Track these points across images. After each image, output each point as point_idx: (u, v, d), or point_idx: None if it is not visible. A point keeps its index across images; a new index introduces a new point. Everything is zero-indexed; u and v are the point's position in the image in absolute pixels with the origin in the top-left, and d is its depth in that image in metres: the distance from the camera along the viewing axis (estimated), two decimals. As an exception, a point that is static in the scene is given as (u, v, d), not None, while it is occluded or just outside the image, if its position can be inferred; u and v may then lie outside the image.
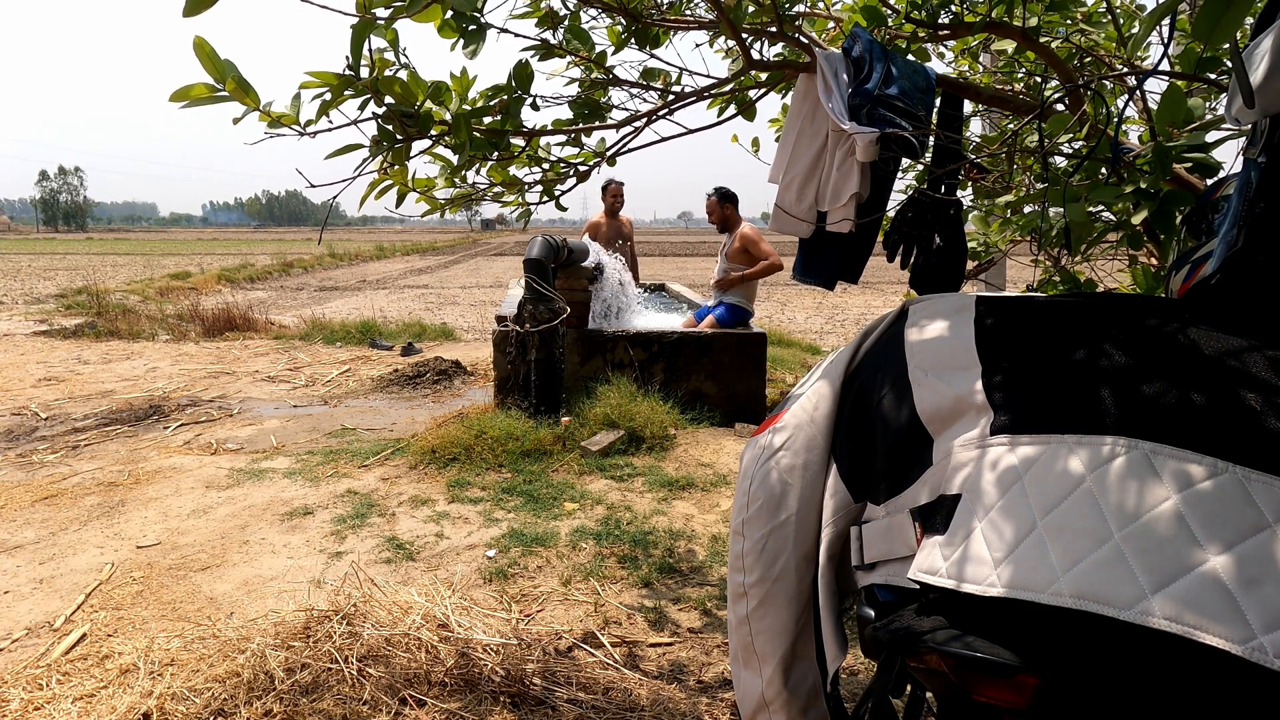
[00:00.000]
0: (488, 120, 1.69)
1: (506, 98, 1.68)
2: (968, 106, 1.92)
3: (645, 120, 1.94)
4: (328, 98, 1.40)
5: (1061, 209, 1.31)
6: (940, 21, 1.79)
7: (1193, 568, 0.56)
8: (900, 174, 2.07)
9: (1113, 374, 0.68)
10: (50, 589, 2.69)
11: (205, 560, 2.90)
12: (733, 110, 2.12)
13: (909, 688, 0.77)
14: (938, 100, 1.78)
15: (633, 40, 1.89)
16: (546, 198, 2.08)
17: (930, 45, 2.01)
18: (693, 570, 2.83)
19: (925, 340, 0.82)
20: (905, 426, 0.79)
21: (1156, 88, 3.60)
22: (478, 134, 1.66)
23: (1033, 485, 0.65)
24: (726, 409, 4.92)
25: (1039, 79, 2.14)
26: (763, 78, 2.03)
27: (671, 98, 1.94)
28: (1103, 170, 1.35)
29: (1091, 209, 1.41)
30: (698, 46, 2.10)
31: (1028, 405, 0.70)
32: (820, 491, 0.91)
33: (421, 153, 1.65)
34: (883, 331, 0.92)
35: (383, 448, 4.26)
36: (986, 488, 0.68)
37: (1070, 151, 1.58)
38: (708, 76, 1.94)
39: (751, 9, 1.80)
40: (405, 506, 3.44)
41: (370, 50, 1.36)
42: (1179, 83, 1.33)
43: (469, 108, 1.63)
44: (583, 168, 2.02)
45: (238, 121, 1.36)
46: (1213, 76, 1.43)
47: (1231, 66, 0.78)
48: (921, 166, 2.22)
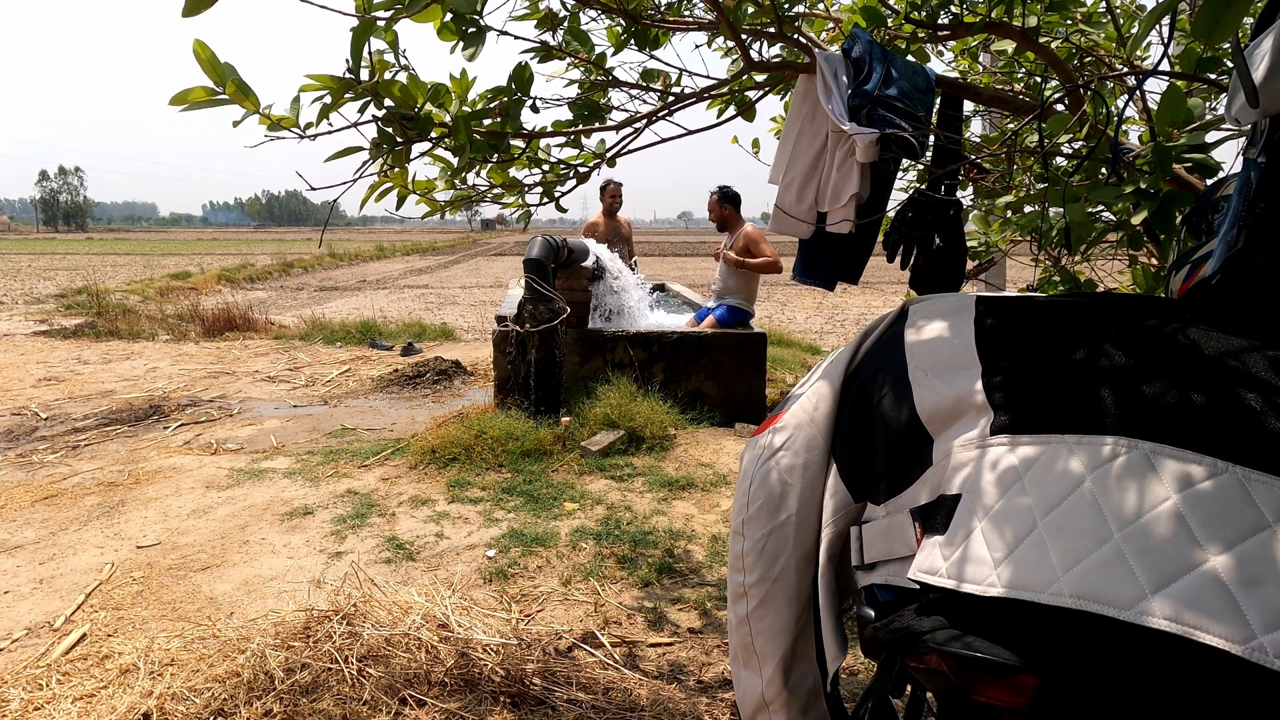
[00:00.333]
0: (487, 122, 1.69)
1: (506, 100, 1.68)
2: (968, 107, 1.92)
3: (645, 121, 1.95)
4: (328, 100, 1.40)
5: (1061, 209, 1.31)
6: (940, 22, 1.79)
7: (1193, 568, 0.56)
8: (900, 174, 2.07)
9: (1113, 374, 0.68)
10: (50, 589, 2.69)
11: (205, 560, 2.90)
12: (732, 111, 2.12)
13: (909, 688, 0.77)
14: (937, 101, 1.78)
15: (632, 41, 1.89)
16: (546, 199, 2.08)
17: (930, 45, 2.01)
18: (692, 570, 2.83)
19: (925, 340, 0.83)
20: (905, 426, 0.79)
21: (1156, 88, 3.60)
22: (478, 136, 1.66)
23: (1033, 485, 0.65)
24: (726, 409, 4.92)
25: (1039, 79, 2.14)
26: (762, 78, 2.03)
27: (671, 99, 1.94)
28: (1103, 170, 1.35)
29: (1091, 209, 1.41)
30: (697, 48, 2.10)
31: (1028, 405, 0.70)
32: (820, 491, 0.92)
33: (421, 155, 1.65)
34: (883, 331, 0.92)
35: (383, 448, 4.26)
36: (986, 488, 0.68)
37: (1070, 151, 1.58)
38: (707, 77, 1.94)
39: (751, 10, 1.80)
40: (405, 506, 3.44)
41: (370, 53, 1.36)
42: (1179, 83, 1.33)
43: (469, 110, 1.63)
44: (583, 169, 2.02)
45: (238, 124, 1.36)
46: (1213, 76, 1.43)
47: (1233, 66, 0.78)
48: (921, 167, 2.22)
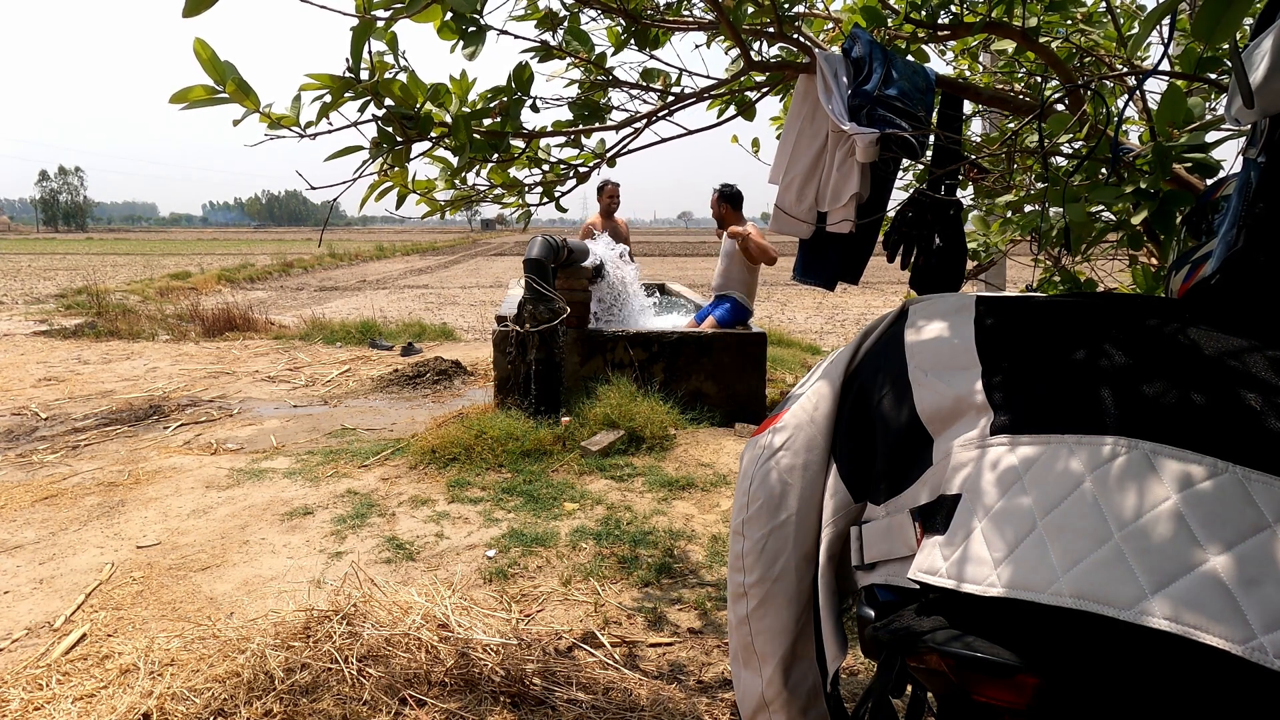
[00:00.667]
0: (488, 122, 1.69)
1: (506, 99, 1.68)
2: (968, 106, 1.92)
3: (645, 121, 1.94)
4: (328, 100, 1.40)
5: (1061, 209, 1.31)
6: (940, 22, 1.79)
7: (1193, 568, 0.56)
8: (900, 174, 2.07)
9: (1113, 374, 0.68)
10: (50, 589, 2.69)
11: (205, 560, 2.90)
12: (732, 111, 2.12)
13: (909, 688, 0.77)
14: (938, 100, 1.78)
15: (632, 41, 1.89)
16: (546, 199, 2.08)
17: (930, 45, 2.01)
18: (692, 570, 2.83)
19: (925, 340, 0.83)
20: (905, 426, 0.79)
21: (1156, 88, 3.60)
22: (478, 136, 1.66)
23: (1033, 485, 0.65)
24: (726, 409, 4.92)
25: (1039, 79, 2.14)
26: (762, 78, 2.03)
27: (671, 99, 1.94)
28: (1103, 170, 1.35)
29: (1091, 209, 1.41)
30: (697, 47, 2.10)
31: (1028, 405, 0.70)
32: (820, 491, 0.91)
33: (421, 155, 1.65)
34: (883, 331, 0.92)
35: (383, 448, 4.26)
36: (986, 488, 0.68)
37: (1070, 151, 1.58)
38: (707, 77, 1.94)
39: (751, 10, 1.80)
40: (405, 506, 3.44)
41: (370, 52, 1.36)
42: (1179, 83, 1.33)
43: (469, 109, 1.63)
44: (583, 169, 2.02)
45: (238, 123, 1.36)
46: (1213, 76, 1.43)
47: (1231, 66, 0.78)
48: (921, 167, 2.22)
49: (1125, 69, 1.81)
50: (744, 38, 1.74)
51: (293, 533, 3.16)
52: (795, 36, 1.82)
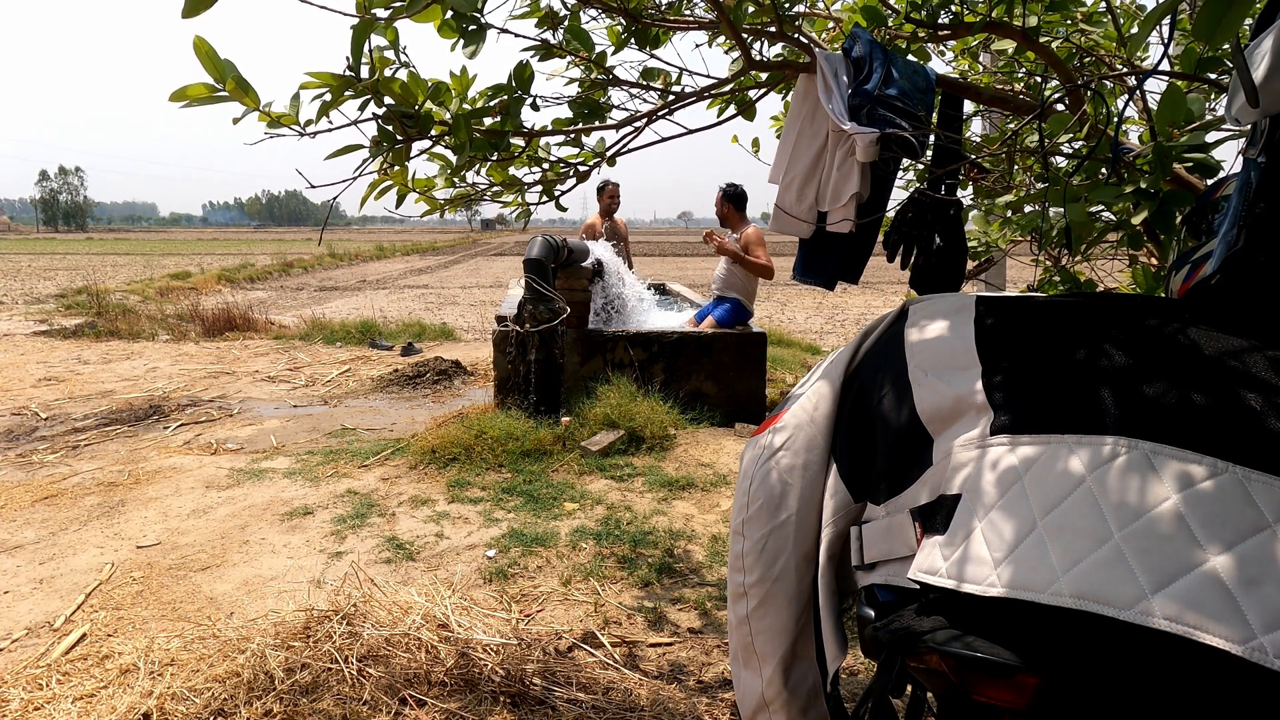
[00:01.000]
0: (488, 120, 1.69)
1: (506, 98, 1.68)
2: (968, 106, 1.92)
3: (645, 120, 1.94)
4: (328, 98, 1.40)
5: (1061, 209, 1.31)
6: (940, 21, 1.79)
7: (1193, 568, 0.56)
8: (900, 174, 2.07)
9: (1113, 374, 0.68)
10: (50, 589, 2.69)
11: (205, 560, 2.90)
12: (733, 110, 2.12)
13: (909, 688, 0.77)
14: (938, 100, 1.78)
15: (633, 40, 1.89)
16: (546, 198, 2.08)
17: (930, 45, 2.01)
18: (692, 570, 2.83)
19: (925, 340, 0.82)
20: (905, 426, 0.79)
21: (1156, 88, 3.60)
22: (478, 134, 1.66)
23: (1033, 485, 0.65)
24: (726, 409, 4.92)
25: (1039, 79, 2.14)
26: (763, 78, 2.03)
27: (671, 98, 1.94)
28: (1103, 170, 1.35)
29: (1091, 209, 1.41)
30: (698, 47, 2.10)
31: (1028, 405, 0.70)
32: (820, 491, 0.91)
33: (421, 153, 1.65)
34: (883, 331, 0.92)
35: (383, 448, 4.26)
36: (986, 488, 0.68)
37: (1070, 151, 1.58)
38: (708, 76, 1.94)
39: (751, 9, 1.80)
40: (405, 506, 3.44)
41: (370, 50, 1.36)
42: (1179, 83, 1.33)
43: (469, 108, 1.63)
44: (583, 168, 2.02)
45: (237, 121, 1.36)
46: (1213, 76, 1.43)
47: (1233, 66, 0.78)
48: (921, 166, 2.22)
49: (1125, 69, 1.81)
50: (744, 37, 1.74)
51: (293, 533, 3.16)
52: (795, 36, 1.82)
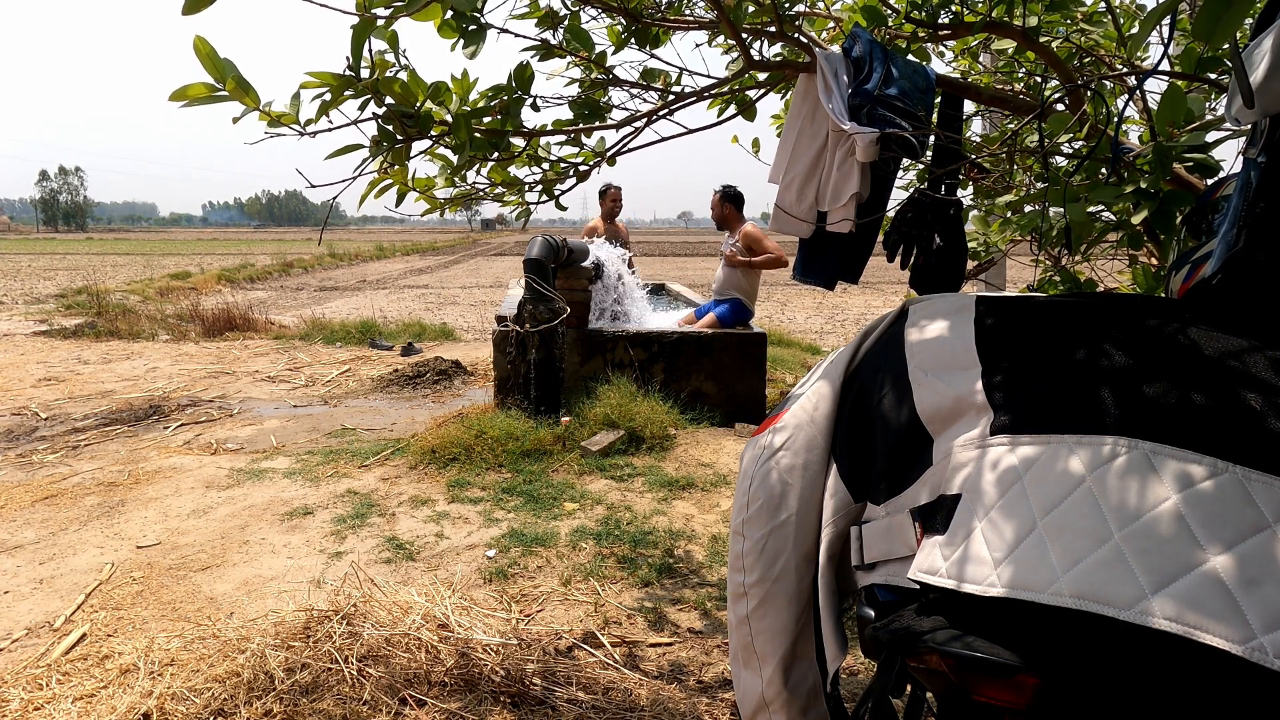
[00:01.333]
0: (488, 120, 1.69)
1: (507, 98, 1.68)
2: (968, 106, 1.92)
3: (645, 120, 1.94)
4: (328, 98, 1.40)
5: (1061, 209, 1.31)
6: (940, 21, 1.79)
7: (1193, 568, 0.56)
8: (900, 174, 2.07)
9: (1113, 374, 0.68)
10: (50, 589, 2.69)
11: (205, 560, 2.90)
12: (733, 110, 2.12)
13: (909, 688, 0.77)
14: (938, 100, 1.78)
15: (633, 40, 1.89)
16: (546, 198, 2.08)
17: (930, 45, 2.01)
18: (692, 570, 2.83)
19: (925, 340, 0.82)
20: (905, 426, 0.79)
21: (1156, 88, 3.60)
22: (478, 134, 1.66)
23: (1033, 485, 0.65)
24: (726, 409, 4.92)
25: (1039, 79, 2.14)
26: (762, 78, 2.03)
27: (671, 98, 1.94)
28: (1103, 170, 1.35)
29: (1091, 209, 1.41)
30: (698, 46, 2.10)
31: (1028, 405, 0.70)
32: (820, 491, 0.91)
33: (422, 153, 1.65)
34: (883, 331, 0.92)
35: (383, 448, 4.26)
36: (987, 488, 0.68)
37: (1070, 151, 1.58)
38: (708, 76, 1.94)
39: (751, 9, 1.80)
40: (405, 506, 3.44)
41: (370, 50, 1.36)
42: (1179, 83, 1.33)
43: (469, 108, 1.63)
44: (583, 168, 2.02)
45: (237, 121, 1.36)
46: (1213, 76, 1.43)
47: (1231, 66, 0.78)
48: (921, 166, 2.22)
49: (1125, 69, 1.81)
50: (744, 37, 1.74)
51: (293, 533, 3.16)
52: (796, 36, 1.82)
